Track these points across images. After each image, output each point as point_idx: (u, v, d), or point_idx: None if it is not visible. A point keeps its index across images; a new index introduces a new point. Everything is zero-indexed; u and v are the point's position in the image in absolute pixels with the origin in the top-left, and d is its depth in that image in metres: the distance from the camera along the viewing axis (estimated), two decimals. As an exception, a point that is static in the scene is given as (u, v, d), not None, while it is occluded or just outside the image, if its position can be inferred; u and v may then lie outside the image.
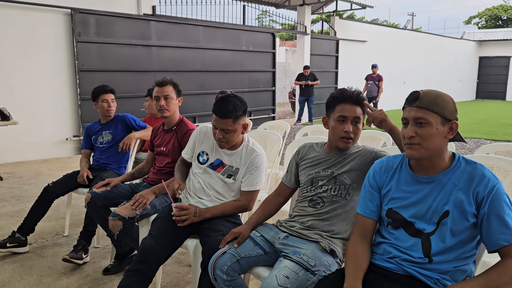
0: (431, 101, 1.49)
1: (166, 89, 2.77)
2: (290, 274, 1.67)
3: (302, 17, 12.01)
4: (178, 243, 2.25)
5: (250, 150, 2.34)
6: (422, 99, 1.50)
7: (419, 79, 17.34)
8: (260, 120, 10.22)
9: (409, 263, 1.54)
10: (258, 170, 2.31)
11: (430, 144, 1.49)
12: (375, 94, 11.46)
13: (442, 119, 1.49)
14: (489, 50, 22.45)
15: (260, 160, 2.33)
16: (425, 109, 1.49)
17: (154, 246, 2.13)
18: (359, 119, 1.91)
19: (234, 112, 2.19)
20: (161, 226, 2.24)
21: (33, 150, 6.85)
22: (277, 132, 4.00)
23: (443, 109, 1.49)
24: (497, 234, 1.41)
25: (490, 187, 1.43)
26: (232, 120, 2.20)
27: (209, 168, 2.37)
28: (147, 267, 2.09)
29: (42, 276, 2.82)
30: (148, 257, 2.10)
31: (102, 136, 3.44)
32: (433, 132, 1.48)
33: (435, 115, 1.48)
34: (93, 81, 7.10)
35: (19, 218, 3.85)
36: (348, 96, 1.90)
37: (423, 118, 1.49)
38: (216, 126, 2.22)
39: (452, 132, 1.51)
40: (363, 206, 1.70)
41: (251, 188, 2.31)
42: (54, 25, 6.91)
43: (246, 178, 2.31)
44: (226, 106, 2.19)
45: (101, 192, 2.75)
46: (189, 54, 9.00)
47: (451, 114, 1.50)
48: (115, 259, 2.89)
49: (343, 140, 1.91)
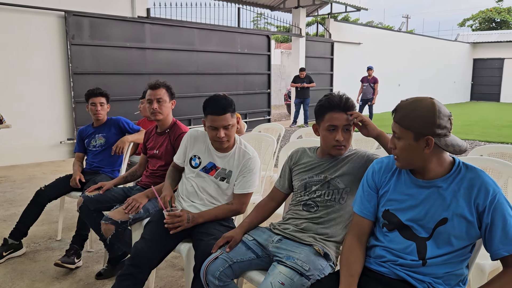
0: (403, 116, 1.48)
1: (159, 92, 2.75)
2: (285, 281, 1.66)
3: (297, 20, 12.03)
4: (171, 247, 2.24)
5: (243, 153, 2.33)
6: (398, 112, 1.50)
7: (414, 81, 17.42)
8: (256, 122, 10.23)
9: (401, 267, 1.53)
10: (251, 173, 2.30)
11: (406, 157, 1.50)
12: (370, 96, 11.47)
13: (415, 135, 1.45)
14: (483, 52, 22.59)
15: (253, 163, 2.31)
16: (397, 123, 1.50)
17: (146, 250, 2.11)
18: (348, 126, 1.89)
19: (229, 107, 2.21)
20: (153, 230, 2.22)
21: (27, 154, 6.80)
22: (272, 134, 3.99)
23: (415, 125, 1.45)
24: (499, 244, 1.40)
25: (491, 197, 1.42)
26: (230, 114, 2.21)
27: (202, 171, 2.36)
28: (139, 271, 2.07)
29: (34, 281, 2.79)
30: (140, 261, 2.08)
31: (95, 139, 3.42)
32: (406, 147, 1.48)
33: (406, 130, 1.47)
34: (87, 84, 7.04)
35: (11, 222, 3.82)
36: (336, 104, 1.87)
37: (396, 133, 1.51)
38: (217, 126, 2.20)
39: (428, 147, 1.45)
40: (360, 206, 1.68)
41: (244, 191, 2.30)
42: (48, 28, 6.88)
43: (239, 181, 2.30)
44: (220, 102, 2.20)
45: (93, 196, 2.73)
46: (184, 57, 8.99)
47: (427, 129, 1.43)
48: (108, 263, 2.86)
49: (335, 148, 1.90)
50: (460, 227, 1.45)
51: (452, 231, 1.46)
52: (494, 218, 1.41)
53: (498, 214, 1.41)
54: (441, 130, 1.44)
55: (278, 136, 4.28)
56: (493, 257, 1.44)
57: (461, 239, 1.47)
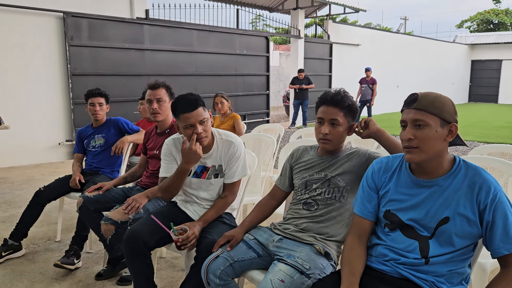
0: (430, 103, 1.46)
1: (159, 92, 2.72)
2: (285, 278, 1.65)
3: (296, 21, 12.04)
4: (169, 234, 2.16)
5: (226, 142, 2.29)
6: (421, 100, 1.47)
7: (412, 83, 17.44)
8: (254, 123, 10.22)
9: (404, 266, 1.52)
10: (239, 160, 2.28)
11: (429, 147, 1.45)
12: (369, 97, 11.47)
13: (441, 121, 1.45)
14: (481, 53, 22.66)
15: (239, 149, 2.29)
16: (423, 110, 1.46)
17: (140, 230, 2.12)
18: (336, 120, 1.87)
19: (199, 101, 2.15)
20: (149, 216, 2.22)
21: (25, 155, 6.78)
22: (271, 135, 3.99)
23: (442, 111, 1.45)
24: (499, 243, 1.40)
25: (493, 195, 1.41)
26: (202, 108, 2.15)
27: (194, 177, 2.31)
28: (138, 249, 2.09)
29: (33, 282, 2.78)
30: (134, 241, 2.09)
31: (94, 140, 3.41)
32: (432, 135, 1.45)
33: (434, 117, 1.45)
34: (86, 85, 7.04)
35: (10, 223, 3.81)
36: (324, 98, 1.90)
37: (421, 120, 1.45)
38: (192, 123, 2.11)
39: (451, 134, 1.47)
40: (360, 206, 1.67)
41: (234, 179, 2.28)
42: (46, 29, 6.87)
43: (228, 170, 2.28)
44: (188, 98, 2.14)
45: (93, 196, 2.72)
46: (182, 58, 8.98)
47: (451, 116, 1.47)
48: (107, 264, 2.85)
49: (321, 141, 1.92)
50: (462, 226, 1.45)
51: (454, 230, 1.45)
52: (495, 216, 1.40)
53: (499, 212, 1.40)
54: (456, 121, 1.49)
55: (278, 137, 4.28)
56: (493, 256, 1.44)
57: (463, 238, 1.46)
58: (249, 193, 3.22)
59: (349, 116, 1.91)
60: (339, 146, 1.96)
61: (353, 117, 1.94)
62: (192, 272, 2.00)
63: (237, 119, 4.45)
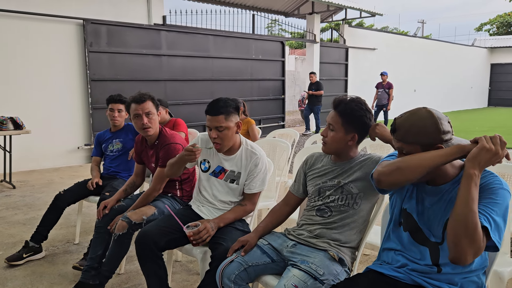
0: (405, 132, 1.47)
1: (147, 105, 2.60)
2: (299, 283, 1.67)
3: (312, 26, 12.05)
4: (177, 236, 2.20)
5: (250, 153, 2.33)
6: (398, 131, 1.50)
7: (429, 87, 17.25)
8: (270, 128, 10.24)
9: (418, 273, 1.52)
10: (260, 172, 2.31)
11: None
12: (385, 102, 11.36)
13: (422, 147, 1.45)
14: (501, 57, 22.24)
15: (261, 162, 2.32)
16: (401, 141, 1.49)
17: (151, 231, 2.18)
18: (331, 125, 1.91)
19: (225, 108, 2.19)
20: (162, 218, 2.33)
21: (45, 159, 6.93)
22: (286, 140, 4.00)
23: (419, 138, 1.45)
24: None
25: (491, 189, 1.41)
26: (224, 116, 2.19)
27: (212, 175, 2.38)
28: (148, 249, 2.14)
29: (52, 284, 2.84)
30: (145, 241, 2.14)
31: (112, 144, 3.48)
32: None
33: (413, 145, 1.47)
34: (104, 90, 7.20)
35: (30, 226, 3.90)
36: (332, 102, 1.94)
37: (404, 149, 1.50)
38: (210, 126, 2.21)
39: None
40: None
41: (255, 190, 2.31)
42: (67, 36, 7.03)
43: (249, 181, 2.31)
44: (216, 103, 2.22)
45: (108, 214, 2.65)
46: (198, 63, 9.07)
47: (431, 139, 1.44)
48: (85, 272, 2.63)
49: (322, 143, 1.99)
50: None
51: None
52: None
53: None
54: (447, 136, 1.45)
55: (293, 142, 4.29)
56: None
57: None
58: (264, 198, 3.23)
59: (350, 125, 1.88)
60: (351, 154, 1.96)
61: (355, 128, 1.89)
62: (207, 277, 2.02)
63: (251, 124, 4.47)
